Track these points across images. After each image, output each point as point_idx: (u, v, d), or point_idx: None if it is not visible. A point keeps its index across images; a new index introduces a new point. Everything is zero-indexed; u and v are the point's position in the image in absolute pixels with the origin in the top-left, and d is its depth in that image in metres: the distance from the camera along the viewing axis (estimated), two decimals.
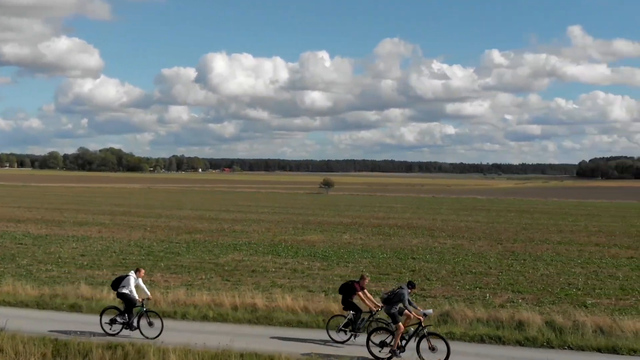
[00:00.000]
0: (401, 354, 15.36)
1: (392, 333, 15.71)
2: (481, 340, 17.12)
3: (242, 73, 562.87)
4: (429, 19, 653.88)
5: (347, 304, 17.09)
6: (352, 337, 16.79)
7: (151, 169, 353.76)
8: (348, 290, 17.10)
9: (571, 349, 16.68)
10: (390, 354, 15.35)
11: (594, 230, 52.59)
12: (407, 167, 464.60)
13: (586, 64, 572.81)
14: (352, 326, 16.87)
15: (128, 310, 17.23)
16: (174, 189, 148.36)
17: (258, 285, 24.98)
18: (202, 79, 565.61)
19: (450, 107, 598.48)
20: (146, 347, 14.93)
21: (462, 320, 18.64)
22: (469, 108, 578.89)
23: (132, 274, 17.56)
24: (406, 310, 15.55)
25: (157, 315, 17.26)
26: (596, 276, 28.85)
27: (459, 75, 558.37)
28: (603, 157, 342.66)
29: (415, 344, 15.40)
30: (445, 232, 49.23)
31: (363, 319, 16.97)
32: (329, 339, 17.03)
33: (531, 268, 31.08)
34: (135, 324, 17.08)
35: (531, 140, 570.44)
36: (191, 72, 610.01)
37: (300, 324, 18.58)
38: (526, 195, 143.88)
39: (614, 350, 16.55)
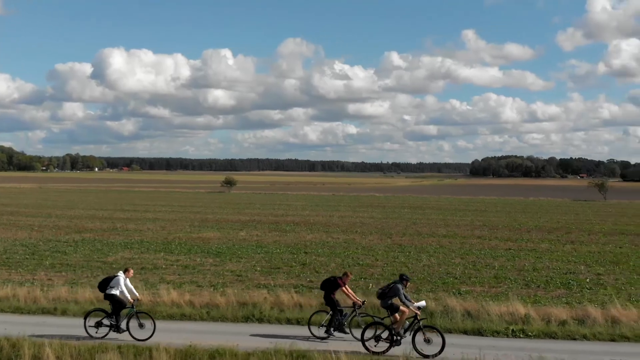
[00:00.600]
0: (399, 344, 15.68)
1: (386, 327, 15.90)
2: (357, 325, 18.02)
3: (141, 69, 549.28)
4: (330, 20, 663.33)
5: (329, 300, 17.19)
6: (333, 333, 16.97)
7: (43, 168, 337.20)
8: (331, 286, 17.18)
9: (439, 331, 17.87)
10: (388, 346, 15.62)
11: (478, 224, 55.63)
12: (310, 166, 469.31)
13: (479, 67, 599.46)
14: (332, 322, 17.01)
15: (116, 312, 16.59)
16: (67, 189, 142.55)
17: (146, 281, 24.81)
18: (99, 75, 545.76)
19: (352, 107, 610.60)
20: (21, 342, 14.68)
21: None
22: (369, 108, 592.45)
23: (121, 274, 16.94)
24: (402, 307, 15.84)
25: (148, 316, 16.78)
26: (473, 266, 30.75)
27: (360, 76, 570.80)
28: (495, 157, 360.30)
29: (410, 337, 15.68)
30: (340, 227, 50.54)
31: (346, 314, 17.23)
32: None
33: (415, 259, 32.68)
34: (124, 326, 16.50)
35: (428, 140, 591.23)
36: (87, 68, 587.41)
37: (183, 317, 18.83)
38: (421, 192, 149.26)
39: (479, 332, 17.88)
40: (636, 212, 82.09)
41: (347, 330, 17.10)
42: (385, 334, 15.83)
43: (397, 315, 15.90)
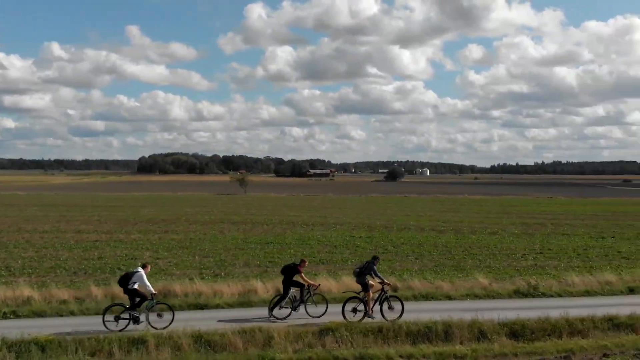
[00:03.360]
0: (372, 315, 18.83)
1: (362, 301, 18.90)
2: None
3: None
4: None
5: (291, 283, 19.39)
6: (293, 311, 19.24)
7: None
8: (291, 271, 19.39)
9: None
10: (363, 316, 18.66)
11: (95, 219, 56.26)
12: None
13: (145, 64, 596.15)
14: (300, 300, 19.39)
15: (138, 305, 17.73)
16: None
17: None
18: None
19: (8, 99, 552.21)
20: None
21: None
22: (29, 101, 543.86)
23: (141, 270, 18.04)
24: (371, 281, 19.02)
25: (168, 307, 18.28)
26: (38, 258, 31.40)
27: (17, 66, 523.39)
28: (161, 153, 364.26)
29: (379, 306, 19.04)
30: None
31: (305, 294, 19.48)
32: None
33: None
34: (142, 318, 17.64)
35: (95, 136, 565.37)
36: None
37: None
38: (75, 190, 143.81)
39: None
40: (259, 203, 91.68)
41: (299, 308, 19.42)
42: (361, 307, 18.86)
43: (370, 291, 19.03)
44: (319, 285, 20.52)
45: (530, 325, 18.30)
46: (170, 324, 17.55)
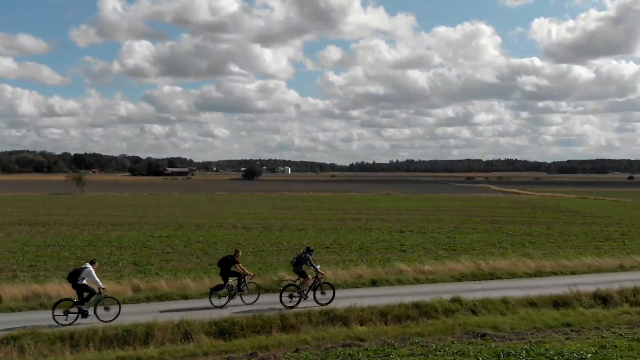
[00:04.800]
0: (306, 299, 20.45)
1: (297, 287, 20.64)
2: None
3: None
4: None
5: (229, 273, 20.62)
6: (231, 300, 20.40)
7: None
8: (229, 263, 20.70)
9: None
10: (298, 301, 20.26)
11: None
12: None
13: None
14: (237, 289, 20.61)
15: (86, 299, 18.37)
16: None
17: None
18: None
19: None
20: None
21: None
22: None
23: (90, 266, 18.62)
24: (309, 270, 20.75)
25: (115, 301, 18.83)
26: None
27: None
28: (6, 151, 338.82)
29: (312, 292, 20.70)
30: None
31: (241, 282, 20.71)
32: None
33: None
34: (90, 311, 18.15)
35: None
36: None
37: None
38: None
39: None
40: (88, 203, 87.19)
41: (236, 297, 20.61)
42: (296, 293, 20.48)
43: (305, 278, 20.71)
44: (254, 275, 21.91)
45: (242, 322, 17.96)
46: (117, 316, 18.16)
